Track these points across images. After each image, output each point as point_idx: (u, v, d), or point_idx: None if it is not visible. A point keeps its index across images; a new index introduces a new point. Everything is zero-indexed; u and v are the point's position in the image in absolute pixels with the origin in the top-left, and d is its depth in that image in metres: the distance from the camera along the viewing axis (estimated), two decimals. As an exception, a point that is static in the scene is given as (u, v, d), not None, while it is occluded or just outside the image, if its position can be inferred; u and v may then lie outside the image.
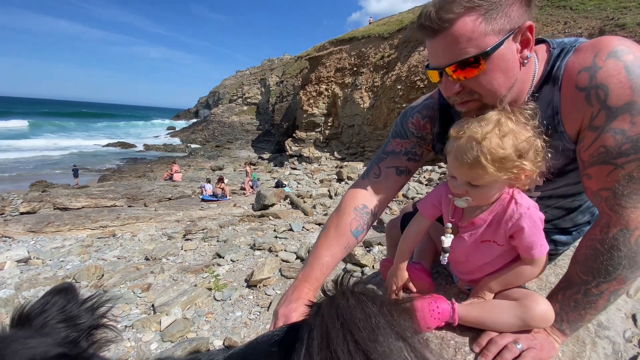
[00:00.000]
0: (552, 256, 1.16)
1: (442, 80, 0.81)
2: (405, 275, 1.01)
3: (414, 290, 1.05)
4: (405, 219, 1.41)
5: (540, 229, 0.81)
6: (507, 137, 0.74)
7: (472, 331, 0.90)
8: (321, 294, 0.51)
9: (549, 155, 0.80)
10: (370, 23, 19.71)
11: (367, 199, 1.10)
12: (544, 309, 0.81)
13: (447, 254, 0.94)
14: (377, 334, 0.42)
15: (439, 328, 0.91)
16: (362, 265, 4.52)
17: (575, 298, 0.82)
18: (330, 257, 1.01)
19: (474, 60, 0.73)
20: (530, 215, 0.81)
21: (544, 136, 0.79)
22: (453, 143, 0.82)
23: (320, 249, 1.03)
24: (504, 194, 0.85)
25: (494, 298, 0.90)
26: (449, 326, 0.91)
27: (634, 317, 1.02)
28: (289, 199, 9.61)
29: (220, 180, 11.42)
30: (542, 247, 0.81)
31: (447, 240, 0.93)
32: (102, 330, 0.53)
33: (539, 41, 0.87)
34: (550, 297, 0.87)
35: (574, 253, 0.85)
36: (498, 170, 0.75)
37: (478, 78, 0.76)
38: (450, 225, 0.93)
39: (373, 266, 4.58)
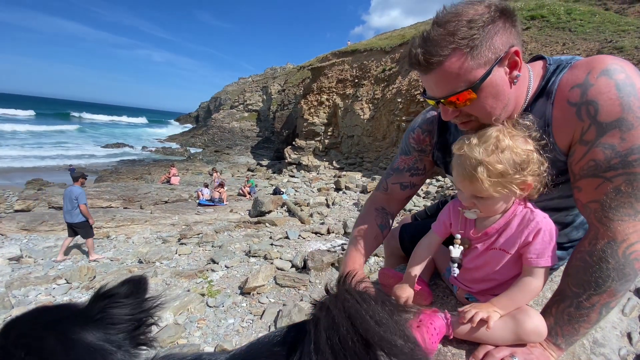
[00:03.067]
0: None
1: (439, 107, 0.85)
2: (411, 291, 1.00)
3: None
4: (404, 230, 1.42)
5: (553, 241, 0.82)
6: (504, 153, 0.77)
7: (469, 344, 0.90)
8: (324, 293, 0.52)
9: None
10: (348, 45, 19.90)
11: (384, 204, 1.27)
12: (536, 324, 0.81)
13: (456, 264, 0.94)
14: (382, 326, 0.44)
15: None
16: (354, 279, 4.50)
17: (568, 311, 0.82)
18: (364, 249, 1.16)
19: (465, 94, 0.77)
20: (546, 224, 0.82)
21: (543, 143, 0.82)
22: (455, 159, 0.85)
23: (356, 243, 1.17)
24: (517, 203, 0.86)
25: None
26: (444, 338, 0.91)
27: (629, 336, 1.02)
28: (286, 206, 9.58)
29: (221, 185, 11.42)
30: (549, 257, 0.82)
31: (456, 250, 0.93)
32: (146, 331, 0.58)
33: (537, 57, 0.91)
34: (545, 311, 0.87)
35: (566, 266, 0.86)
36: (496, 185, 0.78)
37: (471, 105, 0.80)
38: (459, 236, 0.94)
39: (369, 277, 4.55)
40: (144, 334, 0.56)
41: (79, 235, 6.39)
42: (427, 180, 10.39)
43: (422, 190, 9.23)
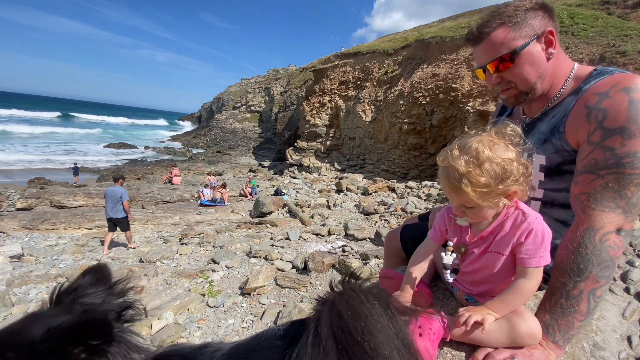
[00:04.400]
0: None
1: (485, 75, 1.04)
2: (409, 298, 1.01)
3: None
4: (406, 230, 1.42)
5: (545, 241, 0.83)
6: (485, 164, 0.79)
7: (469, 345, 0.90)
8: (329, 290, 0.53)
9: (549, 150, 0.96)
10: (342, 51, 19.80)
11: None
12: (531, 326, 0.81)
13: (449, 271, 0.96)
14: (382, 329, 0.45)
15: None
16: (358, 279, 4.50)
17: (560, 303, 0.84)
18: None
19: (507, 58, 0.96)
20: (538, 224, 0.83)
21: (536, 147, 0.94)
22: (440, 171, 0.87)
23: None
24: (509, 206, 0.87)
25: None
26: (442, 340, 0.91)
27: (629, 339, 1.02)
28: (287, 207, 9.58)
29: (224, 186, 11.46)
30: (541, 258, 0.82)
31: (447, 257, 0.95)
32: (128, 311, 0.55)
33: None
34: (540, 308, 0.89)
35: (554, 260, 0.89)
36: (480, 195, 0.80)
37: (511, 70, 0.97)
38: (451, 243, 0.95)
39: (369, 279, 4.55)
40: (130, 318, 0.53)
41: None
42: (429, 183, 10.38)
43: (423, 192, 9.23)
